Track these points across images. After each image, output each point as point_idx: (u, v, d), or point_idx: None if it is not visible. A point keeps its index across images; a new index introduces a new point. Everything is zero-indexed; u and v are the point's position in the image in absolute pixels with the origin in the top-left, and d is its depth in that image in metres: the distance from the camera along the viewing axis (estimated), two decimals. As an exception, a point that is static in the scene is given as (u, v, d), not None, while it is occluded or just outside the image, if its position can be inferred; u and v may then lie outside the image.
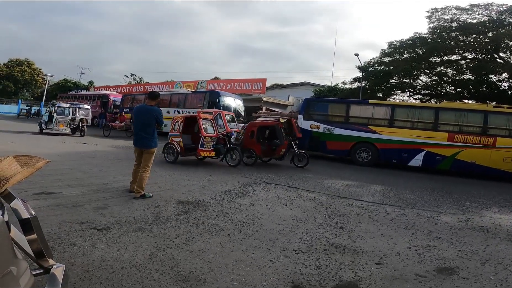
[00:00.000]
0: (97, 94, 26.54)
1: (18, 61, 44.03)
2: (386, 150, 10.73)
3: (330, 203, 4.99)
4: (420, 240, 3.53)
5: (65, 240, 2.67)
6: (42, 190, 4.14)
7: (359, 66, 21.90)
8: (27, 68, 43.91)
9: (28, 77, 43.68)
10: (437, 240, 3.60)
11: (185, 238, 2.95)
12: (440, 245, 3.44)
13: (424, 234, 3.77)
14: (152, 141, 4.38)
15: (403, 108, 11.63)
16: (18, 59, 44.29)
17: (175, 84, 27.34)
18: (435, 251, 3.24)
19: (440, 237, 3.72)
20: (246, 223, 3.58)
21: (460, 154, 9.76)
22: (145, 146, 4.37)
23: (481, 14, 17.55)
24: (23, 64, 43.88)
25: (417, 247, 3.29)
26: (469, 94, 19.24)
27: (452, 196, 6.45)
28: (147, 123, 4.34)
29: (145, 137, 4.35)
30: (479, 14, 17.59)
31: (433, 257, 3.05)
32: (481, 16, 17.52)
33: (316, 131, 11.79)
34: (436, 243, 3.50)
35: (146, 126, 4.34)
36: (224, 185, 5.59)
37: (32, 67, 44.76)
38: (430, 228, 4.04)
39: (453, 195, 6.59)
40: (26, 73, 43.51)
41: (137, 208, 3.75)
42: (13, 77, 42.36)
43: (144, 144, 4.37)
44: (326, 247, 3.08)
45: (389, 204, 5.30)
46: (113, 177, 5.42)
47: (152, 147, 4.40)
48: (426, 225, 4.17)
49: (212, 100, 15.64)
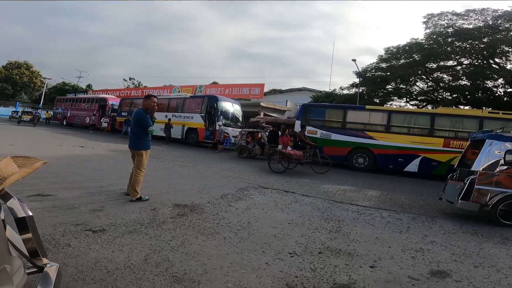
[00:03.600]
0: (95, 97, 26.48)
1: (17, 63, 43.87)
2: (382, 155, 10.80)
3: (326, 207, 5.01)
4: (414, 244, 3.56)
5: (60, 241, 2.66)
6: (38, 192, 4.13)
7: (357, 72, 22.09)
8: (26, 71, 43.74)
9: (27, 79, 43.49)
10: (431, 243, 3.63)
11: (181, 240, 2.95)
12: (434, 248, 3.47)
13: (418, 238, 3.80)
14: (139, 143, 4.39)
15: (400, 114, 11.73)
16: (17, 62, 44.14)
17: (174, 88, 27.44)
18: (429, 254, 3.26)
19: (435, 240, 3.75)
20: (242, 226, 3.59)
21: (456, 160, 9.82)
22: (133, 147, 4.45)
23: (476, 19, 17.62)
24: (21, 66, 43.73)
25: (411, 251, 3.32)
26: (465, 100, 19.33)
27: (448, 201, 6.49)
28: (134, 124, 4.45)
29: (133, 139, 4.44)
30: (474, 19, 17.67)
31: (427, 260, 3.07)
32: (477, 22, 17.60)
33: (313, 136, 11.83)
34: (430, 246, 3.52)
35: (133, 127, 4.46)
36: (221, 189, 5.60)
37: (31, 69, 44.61)
38: (425, 232, 4.07)
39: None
40: (25, 75, 43.34)
41: (133, 211, 3.75)
42: (11, 79, 42.15)
43: (133, 145, 4.45)
44: (321, 250, 3.09)
45: (385, 208, 5.34)
46: (110, 180, 5.41)
47: (140, 149, 4.39)
48: (421, 229, 4.21)
49: (210, 104, 15.68)
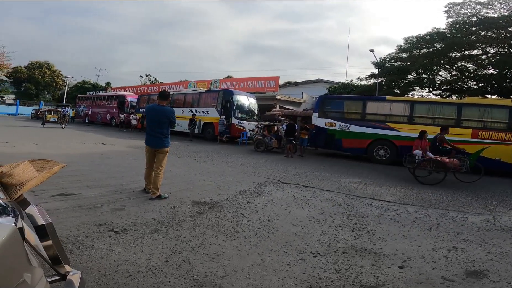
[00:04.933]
0: (114, 95, 27.19)
1: (38, 63, 45.27)
2: (405, 147, 10.37)
3: (348, 203, 4.84)
4: (446, 242, 3.36)
5: (83, 242, 2.69)
6: (62, 191, 4.23)
7: (375, 62, 21.37)
8: (47, 70, 45.12)
9: (48, 79, 44.86)
10: (464, 242, 3.42)
11: (201, 240, 2.91)
12: (468, 247, 3.26)
13: (450, 236, 3.59)
14: (165, 141, 4.37)
15: (423, 104, 11.24)
16: (38, 62, 45.54)
17: (189, 83, 27.65)
18: (463, 253, 3.07)
19: (468, 238, 3.53)
20: (262, 224, 3.51)
21: (485, 151, 9.32)
22: (158, 145, 4.37)
23: (501, 8, 17.22)
24: (43, 66, 45.14)
25: (443, 250, 3.13)
26: (492, 89, 18.60)
27: (478, 195, 6.15)
28: (161, 122, 4.33)
29: (158, 137, 4.34)
30: (499, 8, 17.27)
31: (461, 260, 2.89)
32: (501, 11, 17.16)
33: (332, 128, 11.58)
34: (464, 245, 3.32)
35: (159, 125, 4.33)
36: (239, 185, 5.54)
37: (52, 69, 45.97)
38: (456, 229, 3.84)
39: (478, 194, 6.28)
40: (46, 75, 44.70)
41: (153, 210, 3.75)
42: (34, 79, 43.59)
43: (158, 144, 4.37)
44: (346, 250, 2.97)
45: (411, 204, 5.10)
46: (130, 177, 5.48)
47: (166, 147, 4.39)
48: (451, 226, 3.97)
49: (225, 99, 15.67)
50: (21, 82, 43.99)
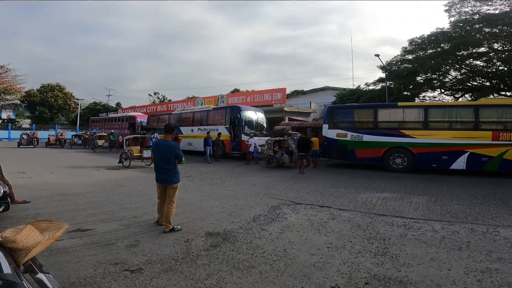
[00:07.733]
0: (125, 116, 27.76)
1: (49, 86, 46.06)
2: (423, 154, 10.06)
3: (367, 223, 4.63)
4: (478, 263, 3.13)
5: (101, 284, 2.66)
6: (77, 226, 4.24)
7: (381, 66, 21.15)
8: (59, 93, 45.93)
9: (61, 102, 45.68)
10: (498, 261, 3.18)
11: (216, 279, 2.80)
12: (503, 267, 3.03)
13: (482, 255, 3.35)
14: (174, 177, 4.33)
15: (438, 108, 10.94)
16: (49, 84, 46.35)
17: (196, 100, 28.05)
18: (497, 275, 2.85)
19: (502, 257, 3.29)
20: (277, 256, 3.37)
21: (508, 153, 8.90)
22: (167, 182, 4.35)
23: (502, 4, 16.93)
24: (55, 89, 45.96)
25: (476, 272, 2.91)
26: (506, 86, 18.04)
27: (508, 204, 5.80)
28: (167, 158, 4.30)
29: (166, 173, 4.32)
30: (500, 4, 17.00)
31: (496, 283, 2.68)
32: (502, 7, 16.88)
33: (343, 139, 11.36)
34: (498, 265, 3.08)
35: (166, 161, 4.31)
36: (252, 210, 5.41)
37: (64, 91, 46.80)
38: (488, 247, 3.59)
39: (508, 203, 5.92)
40: (59, 97, 45.54)
41: (166, 244, 3.68)
42: (47, 102, 44.33)
43: (166, 180, 4.35)
44: (368, 280, 2.78)
45: (436, 219, 4.83)
46: (143, 208, 5.46)
47: (175, 183, 4.35)
48: (483, 244, 3.72)
49: (233, 115, 15.72)
50: (35, 105, 44.64)
